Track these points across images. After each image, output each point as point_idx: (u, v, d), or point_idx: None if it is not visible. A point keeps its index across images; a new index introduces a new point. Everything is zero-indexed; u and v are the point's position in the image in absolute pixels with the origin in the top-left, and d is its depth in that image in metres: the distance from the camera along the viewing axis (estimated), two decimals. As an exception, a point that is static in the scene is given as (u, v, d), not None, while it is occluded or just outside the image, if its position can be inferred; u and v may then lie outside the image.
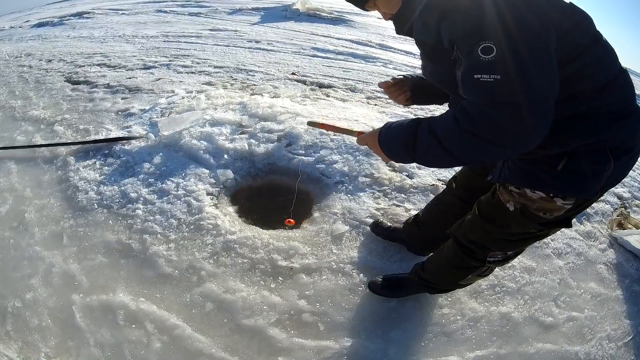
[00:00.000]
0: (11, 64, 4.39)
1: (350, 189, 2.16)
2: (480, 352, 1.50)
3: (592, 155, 0.90)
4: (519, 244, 1.16)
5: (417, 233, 1.72)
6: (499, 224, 1.12)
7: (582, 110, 0.87)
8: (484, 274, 1.36)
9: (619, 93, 0.89)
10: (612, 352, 1.60)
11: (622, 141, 0.90)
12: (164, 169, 2.23)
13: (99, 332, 1.44)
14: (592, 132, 0.88)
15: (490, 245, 1.19)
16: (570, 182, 0.92)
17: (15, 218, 1.94)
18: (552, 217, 1.01)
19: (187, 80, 3.73)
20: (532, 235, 1.10)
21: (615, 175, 0.94)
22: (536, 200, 0.99)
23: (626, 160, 0.93)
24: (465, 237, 1.25)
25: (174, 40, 5.39)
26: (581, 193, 0.94)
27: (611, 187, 0.99)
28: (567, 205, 0.97)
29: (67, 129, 2.75)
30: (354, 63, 4.86)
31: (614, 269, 1.99)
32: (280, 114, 2.76)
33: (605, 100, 0.87)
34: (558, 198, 0.96)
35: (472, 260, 1.26)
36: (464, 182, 1.48)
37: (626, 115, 0.89)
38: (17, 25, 7.46)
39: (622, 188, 2.67)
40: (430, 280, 1.46)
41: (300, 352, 1.43)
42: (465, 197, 1.46)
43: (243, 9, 7.84)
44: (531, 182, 0.98)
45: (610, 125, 0.87)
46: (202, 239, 1.80)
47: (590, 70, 0.85)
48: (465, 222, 1.26)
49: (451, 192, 1.55)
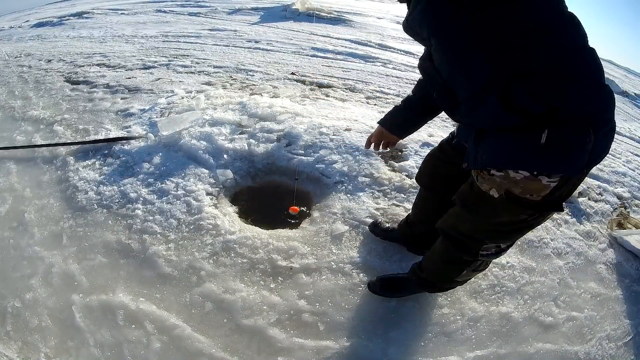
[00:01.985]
0: (11, 64, 4.39)
1: (350, 188, 2.16)
2: (480, 352, 1.50)
3: (573, 125, 0.87)
4: (511, 234, 1.13)
5: (410, 233, 1.74)
6: (485, 214, 1.09)
7: (551, 59, 0.86)
8: (479, 269, 1.33)
9: (589, 62, 0.89)
10: (612, 352, 1.60)
11: (597, 112, 0.89)
12: (163, 169, 2.23)
13: (99, 332, 1.44)
14: (565, 94, 0.86)
15: (482, 236, 1.16)
16: (556, 157, 0.89)
17: (14, 218, 1.94)
18: (540, 198, 0.97)
19: (186, 80, 3.73)
20: (524, 223, 1.06)
21: (596, 151, 0.92)
22: (520, 181, 0.95)
23: (604, 132, 0.92)
24: (455, 230, 1.22)
25: (174, 40, 5.39)
26: (567, 168, 0.92)
27: (594, 164, 0.96)
28: (553, 183, 0.93)
29: (67, 129, 2.75)
30: (354, 63, 4.86)
31: (614, 269, 1.99)
32: (280, 113, 2.76)
33: (575, 63, 0.87)
34: (543, 176, 0.92)
35: (464, 254, 1.23)
36: (429, 171, 1.48)
37: (599, 85, 0.89)
38: (16, 25, 7.46)
39: (622, 188, 2.67)
40: (427, 279, 1.46)
41: (300, 352, 1.43)
42: (435, 187, 1.46)
43: (242, 9, 7.84)
44: (514, 161, 0.94)
45: (585, 92, 0.88)
46: (202, 239, 1.80)
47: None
48: (451, 215, 1.23)
49: (421, 185, 1.56)
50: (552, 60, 0.86)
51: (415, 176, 1.59)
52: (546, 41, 0.85)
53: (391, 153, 2.47)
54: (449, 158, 1.37)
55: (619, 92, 8.01)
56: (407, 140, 2.53)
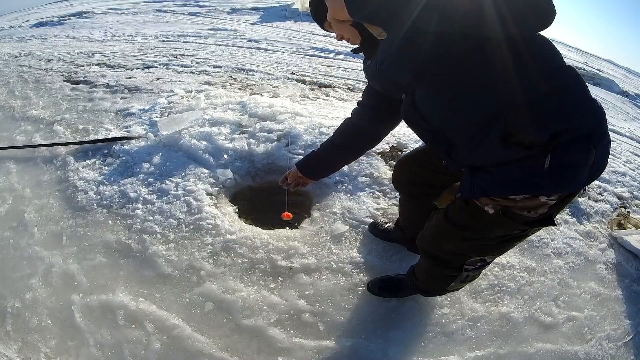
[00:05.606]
0: (11, 63, 4.39)
1: (350, 188, 2.16)
2: (480, 352, 1.50)
3: (575, 145, 0.87)
4: (497, 247, 1.10)
5: (403, 235, 1.75)
6: (476, 230, 1.06)
7: (543, 90, 0.84)
8: (468, 280, 1.31)
9: (573, 79, 0.89)
10: (612, 352, 1.60)
11: (595, 126, 0.89)
12: (163, 168, 2.23)
13: (99, 332, 1.44)
14: (566, 116, 0.85)
15: (467, 252, 1.14)
16: (559, 178, 0.88)
17: (14, 218, 1.94)
18: (537, 215, 0.96)
19: (186, 79, 3.73)
20: (513, 236, 1.05)
21: (597, 164, 0.92)
22: (519, 200, 0.94)
23: (603, 145, 0.91)
24: (438, 249, 1.20)
25: (174, 39, 5.39)
26: (570, 187, 0.91)
27: (593, 179, 0.95)
28: (552, 202, 0.93)
29: (67, 128, 2.75)
30: (354, 63, 4.86)
31: (614, 269, 1.99)
32: (280, 113, 2.76)
33: (563, 81, 0.86)
34: (543, 196, 0.92)
35: (447, 270, 1.22)
36: (408, 177, 1.47)
37: (590, 100, 0.89)
38: (16, 25, 7.45)
39: (622, 188, 2.67)
40: (420, 286, 1.45)
41: (300, 352, 1.43)
42: (416, 192, 1.47)
43: (242, 9, 7.85)
44: (516, 187, 0.92)
45: (581, 108, 0.87)
46: (202, 239, 1.80)
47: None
48: (432, 233, 1.21)
49: (401, 192, 1.57)
50: (547, 86, 0.85)
51: (392, 180, 1.58)
52: (535, 66, 0.84)
53: (391, 153, 2.47)
54: (427, 164, 1.36)
55: (619, 92, 8.01)
56: (407, 140, 2.52)
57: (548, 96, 0.84)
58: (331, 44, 5.56)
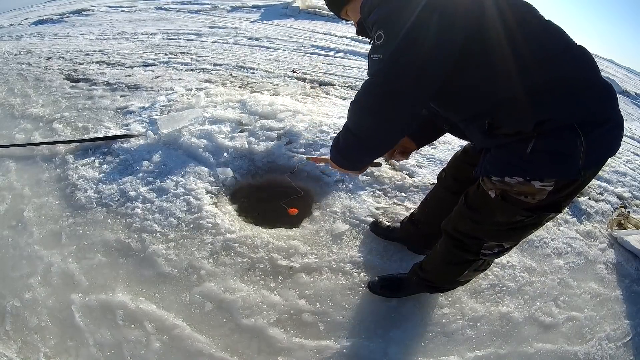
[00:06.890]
0: (10, 61, 4.37)
1: (351, 187, 2.15)
2: (480, 352, 1.50)
3: (560, 133, 0.90)
4: (511, 233, 1.14)
5: (414, 231, 1.72)
6: (484, 213, 1.13)
7: (527, 85, 0.90)
8: (481, 269, 1.34)
9: (571, 66, 0.93)
10: (612, 352, 1.60)
11: (592, 113, 0.91)
12: (163, 167, 2.23)
13: (98, 332, 1.43)
14: (548, 108, 0.90)
15: (482, 235, 1.18)
16: (542, 164, 0.93)
17: (14, 217, 1.93)
18: (535, 201, 1.00)
19: (186, 77, 3.72)
20: (522, 223, 1.09)
21: (597, 151, 0.93)
22: (514, 185, 1.00)
23: (602, 133, 0.92)
24: (455, 229, 1.24)
25: (174, 37, 5.37)
26: (557, 173, 0.94)
27: (597, 165, 0.99)
28: (548, 188, 0.96)
29: (66, 126, 2.74)
30: (354, 61, 4.85)
31: (614, 269, 1.99)
32: (280, 111, 2.75)
33: (552, 74, 0.90)
34: (535, 181, 0.96)
35: (465, 253, 1.24)
36: (453, 173, 1.48)
37: (587, 87, 0.92)
38: (16, 23, 7.42)
39: (622, 188, 2.67)
40: (428, 279, 1.45)
41: (300, 351, 1.43)
42: (456, 189, 1.46)
43: (243, 7, 7.81)
44: (506, 169, 1.00)
45: (568, 99, 0.90)
46: (202, 238, 1.80)
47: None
48: (454, 215, 1.26)
49: (442, 186, 1.56)
50: (537, 80, 0.90)
51: (438, 176, 1.60)
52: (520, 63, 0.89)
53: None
54: (473, 160, 1.36)
55: (619, 92, 7.99)
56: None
57: (532, 94, 0.90)
58: (332, 42, 5.55)
